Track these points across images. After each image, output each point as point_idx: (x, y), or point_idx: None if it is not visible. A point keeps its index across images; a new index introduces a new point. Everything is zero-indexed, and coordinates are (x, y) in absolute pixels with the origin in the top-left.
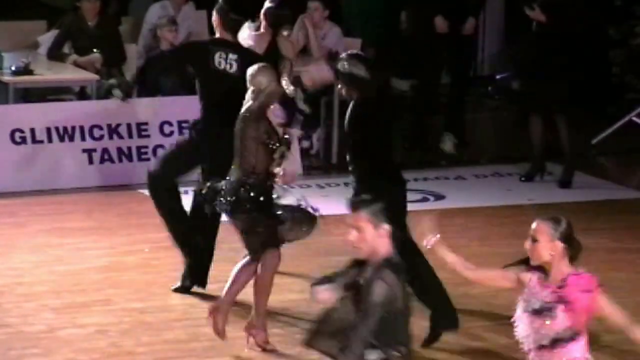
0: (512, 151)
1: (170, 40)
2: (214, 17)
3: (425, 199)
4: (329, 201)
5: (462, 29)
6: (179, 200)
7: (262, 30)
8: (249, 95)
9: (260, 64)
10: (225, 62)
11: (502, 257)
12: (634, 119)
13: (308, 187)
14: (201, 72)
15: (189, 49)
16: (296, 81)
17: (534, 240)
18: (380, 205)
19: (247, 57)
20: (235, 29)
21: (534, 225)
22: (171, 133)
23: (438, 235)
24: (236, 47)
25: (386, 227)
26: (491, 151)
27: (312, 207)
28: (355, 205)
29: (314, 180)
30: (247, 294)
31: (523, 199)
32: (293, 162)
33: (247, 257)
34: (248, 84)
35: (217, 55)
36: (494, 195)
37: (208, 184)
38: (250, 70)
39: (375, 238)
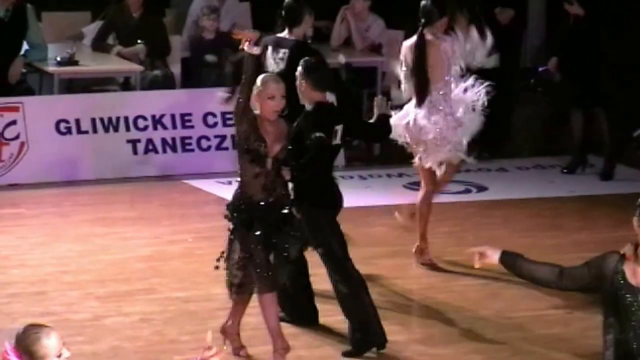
0: (554, 143)
1: (212, 28)
2: None
3: (467, 191)
4: (371, 193)
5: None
6: None
7: None
8: None
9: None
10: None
11: (544, 249)
12: None
13: (350, 178)
14: None
15: None
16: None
17: None
18: None
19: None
20: None
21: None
22: (215, 124)
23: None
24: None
25: None
26: (533, 143)
27: None
28: None
29: (356, 172)
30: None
31: (565, 191)
32: None
33: None
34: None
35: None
36: (536, 188)
37: None
38: None
39: None
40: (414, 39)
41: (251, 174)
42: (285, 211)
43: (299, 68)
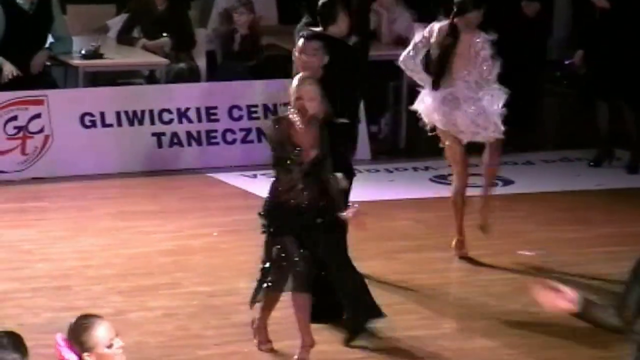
0: (580, 136)
1: (246, 22)
2: None
3: (493, 184)
4: (396, 186)
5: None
6: None
7: None
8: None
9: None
10: None
11: (571, 242)
12: None
13: (376, 171)
14: None
15: None
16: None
17: None
18: None
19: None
20: None
21: None
22: (240, 117)
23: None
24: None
25: None
26: (559, 136)
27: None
28: None
29: (381, 165)
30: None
31: (591, 184)
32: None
33: None
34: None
35: None
36: (563, 181)
37: None
38: None
39: None
40: (445, 23)
41: (286, 179)
42: (318, 218)
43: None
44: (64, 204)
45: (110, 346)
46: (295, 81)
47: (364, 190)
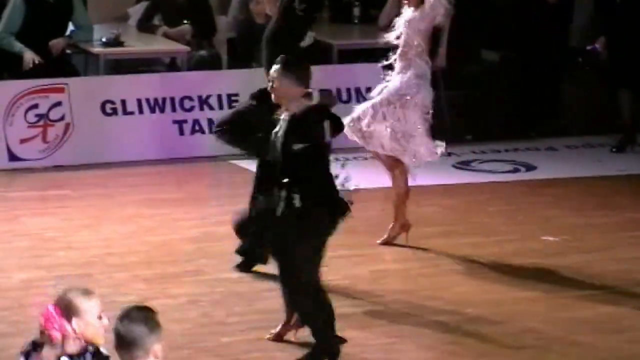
0: (603, 122)
1: (262, 11)
2: None
3: (516, 170)
4: (419, 172)
5: None
6: None
7: None
8: None
9: None
10: None
11: (594, 228)
12: None
13: None
14: None
15: None
16: None
17: None
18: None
19: None
20: None
21: None
22: None
23: None
24: None
25: None
26: (582, 122)
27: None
28: None
29: None
30: None
31: (614, 170)
32: None
33: None
34: None
35: None
36: (585, 166)
37: None
38: None
39: None
40: None
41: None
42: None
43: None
44: (86, 191)
45: (99, 318)
46: None
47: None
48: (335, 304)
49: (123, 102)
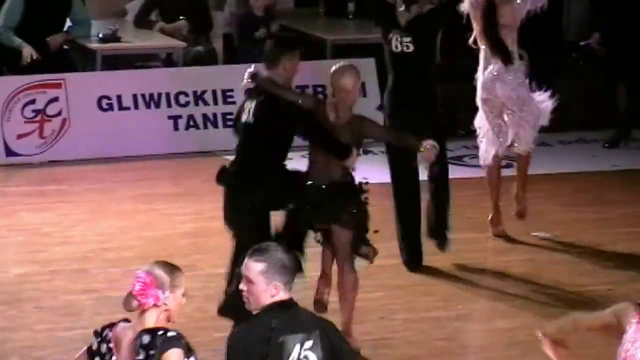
0: (596, 117)
1: (262, 5)
2: None
3: (509, 165)
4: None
5: None
6: None
7: None
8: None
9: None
10: (401, 44)
11: (586, 223)
12: None
13: None
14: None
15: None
16: None
17: None
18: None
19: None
20: None
21: None
22: None
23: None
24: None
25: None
26: (576, 117)
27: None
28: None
29: None
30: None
31: (607, 165)
32: None
33: None
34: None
35: (394, 38)
36: (579, 162)
37: None
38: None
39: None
40: None
41: None
42: None
43: None
44: (82, 186)
45: (183, 296)
46: None
47: (382, 171)
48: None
49: (119, 97)
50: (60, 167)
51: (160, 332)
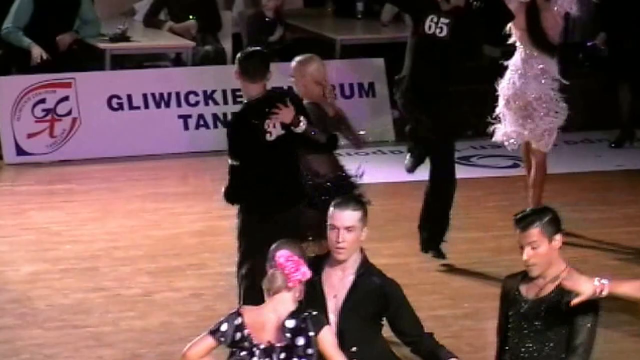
0: (601, 117)
1: (273, 6)
2: None
3: (515, 165)
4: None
5: None
6: None
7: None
8: None
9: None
10: (436, 25)
11: (591, 222)
12: None
13: (400, 152)
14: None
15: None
16: None
17: None
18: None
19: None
20: None
21: None
22: None
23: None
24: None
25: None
26: (581, 117)
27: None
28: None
29: (405, 147)
30: None
31: (612, 165)
32: None
33: None
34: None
35: (428, 19)
36: (584, 162)
37: None
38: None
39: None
40: None
41: None
42: None
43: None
44: (92, 186)
45: None
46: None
47: (389, 171)
48: None
49: (129, 96)
50: (71, 167)
51: (304, 315)
